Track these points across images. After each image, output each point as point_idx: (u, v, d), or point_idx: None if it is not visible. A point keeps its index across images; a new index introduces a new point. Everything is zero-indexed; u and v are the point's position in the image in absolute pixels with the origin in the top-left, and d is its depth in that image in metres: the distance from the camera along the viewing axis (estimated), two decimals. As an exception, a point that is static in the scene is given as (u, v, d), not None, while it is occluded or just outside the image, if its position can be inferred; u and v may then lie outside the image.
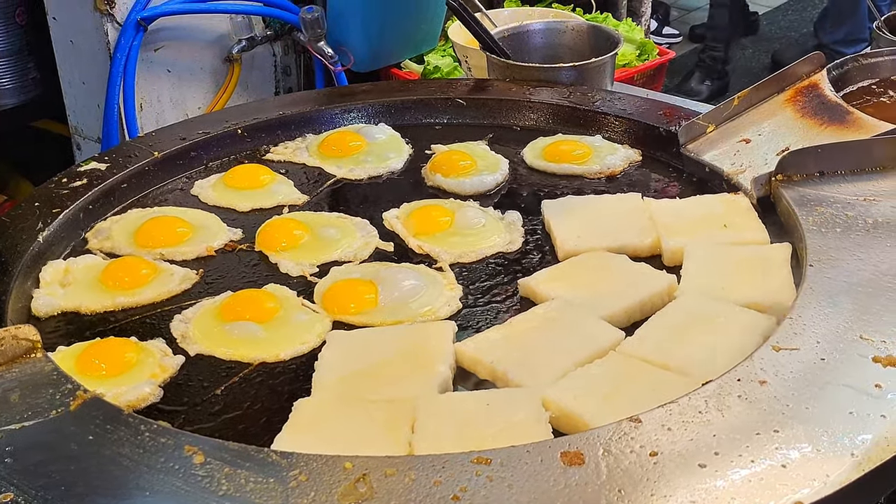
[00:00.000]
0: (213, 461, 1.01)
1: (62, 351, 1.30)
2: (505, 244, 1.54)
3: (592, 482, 0.96)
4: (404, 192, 1.71)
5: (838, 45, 5.28)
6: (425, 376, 1.21)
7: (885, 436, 1.00)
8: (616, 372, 1.18)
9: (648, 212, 1.53)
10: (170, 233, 1.58)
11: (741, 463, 0.97)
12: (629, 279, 1.38)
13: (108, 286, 1.45)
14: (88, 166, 1.71)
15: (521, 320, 1.31)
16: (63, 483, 1.00)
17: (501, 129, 1.92)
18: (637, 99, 1.91)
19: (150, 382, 1.25)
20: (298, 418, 1.14)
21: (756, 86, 1.72)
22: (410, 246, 1.55)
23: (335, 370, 1.24)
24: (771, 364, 1.10)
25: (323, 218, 1.63)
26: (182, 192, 1.75)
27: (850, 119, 1.63)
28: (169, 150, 1.78)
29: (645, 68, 2.91)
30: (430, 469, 0.98)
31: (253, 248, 1.57)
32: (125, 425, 1.07)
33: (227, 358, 1.31)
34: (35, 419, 1.08)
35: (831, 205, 1.41)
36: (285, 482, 0.98)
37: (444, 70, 2.78)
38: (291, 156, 1.85)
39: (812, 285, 1.24)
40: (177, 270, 1.50)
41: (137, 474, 1.00)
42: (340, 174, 1.79)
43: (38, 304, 1.42)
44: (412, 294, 1.40)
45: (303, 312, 1.39)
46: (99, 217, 1.65)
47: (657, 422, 1.03)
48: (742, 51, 6.07)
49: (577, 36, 2.21)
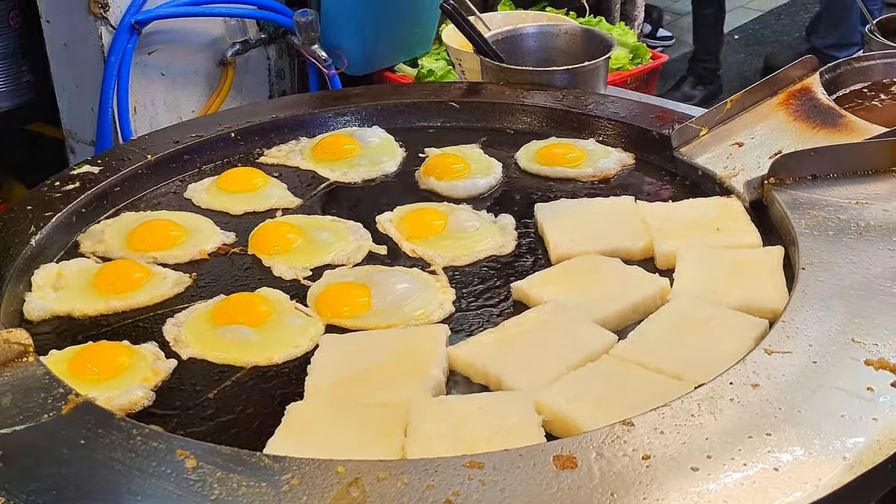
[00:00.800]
0: (205, 465, 1.01)
1: (54, 355, 1.30)
2: (498, 247, 1.54)
3: (585, 486, 0.96)
4: (397, 195, 1.71)
5: (830, 50, 5.29)
6: (418, 380, 1.21)
7: (878, 439, 1.00)
8: (609, 375, 1.18)
9: (641, 215, 1.53)
10: (163, 236, 1.57)
11: (733, 466, 0.97)
12: (622, 282, 1.38)
13: (101, 290, 1.45)
14: (81, 169, 1.71)
15: (514, 324, 1.31)
16: (54, 487, 0.99)
17: (495, 132, 1.92)
18: (630, 102, 1.91)
19: (142, 386, 1.24)
20: (291, 422, 1.14)
21: (749, 89, 1.72)
22: (404, 249, 1.55)
23: (328, 374, 1.24)
24: (763, 367, 1.11)
25: (316, 221, 1.63)
26: (175, 196, 1.75)
27: (843, 122, 1.64)
28: (162, 154, 1.78)
29: (638, 72, 2.92)
30: (423, 473, 0.98)
31: (246, 252, 1.56)
32: (117, 429, 1.07)
33: (219, 362, 1.31)
34: (26, 423, 1.08)
35: (823, 208, 1.41)
36: (278, 486, 0.98)
37: (438, 73, 2.79)
38: (285, 159, 1.85)
39: (804, 289, 1.24)
40: (170, 274, 1.49)
41: (129, 479, 1.00)
42: (334, 177, 1.79)
43: (30, 308, 1.41)
44: (405, 297, 1.40)
45: (296, 316, 1.38)
46: (92, 220, 1.65)
47: (650, 425, 1.03)
48: (734, 55, 6.09)
49: (570, 39, 2.22)
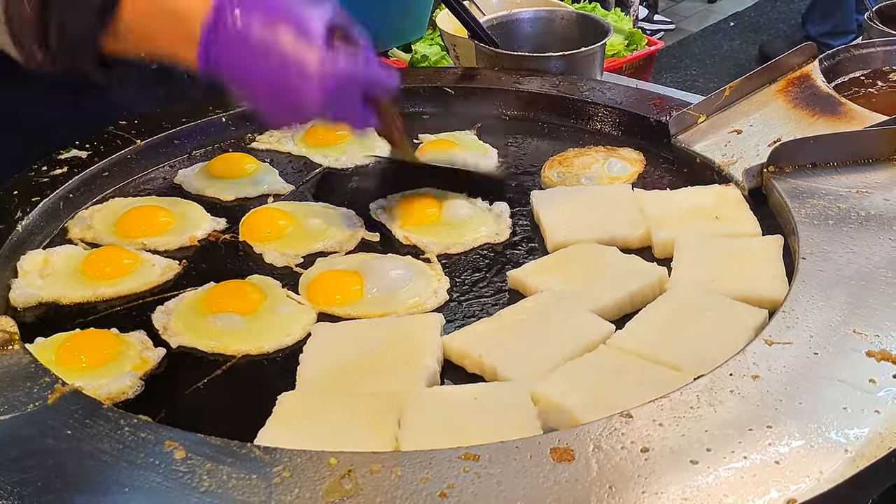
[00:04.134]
0: (194, 456, 0.99)
1: (41, 343, 1.27)
2: (493, 235, 1.52)
3: (582, 479, 0.94)
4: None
5: (825, 37, 5.30)
6: (412, 370, 1.19)
7: (880, 431, 0.98)
8: (606, 366, 1.16)
9: (639, 203, 1.51)
10: (152, 222, 1.55)
11: (734, 459, 0.96)
12: (619, 271, 1.36)
13: (89, 276, 1.42)
14: (69, 154, 1.68)
15: (510, 313, 1.29)
16: (40, 479, 0.97)
17: (490, 118, 1.89)
18: (627, 89, 1.89)
19: (130, 375, 1.22)
20: (282, 412, 1.12)
21: (747, 76, 1.70)
22: (397, 237, 1.53)
23: (320, 363, 1.22)
24: (763, 358, 1.09)
25: (308, 208, 1.61)
26: (165, 181, 1.73)
27: (843, 110, 1.62)
28: (152, 138, 1.75)
29: (634, 58, 2.90)
30: (417, 465, 0.96)
31: (237, 238, 1.54)
32: (104, 419, 1.05)
33: (209, 350, 1.29)
34: (11, 413, 1.06)
35: (823, 196, 1.40)
36: (269, 478, 0.96)
37: (432, 59, 2.76)
38: (277, 144, 1.83)
39: (805, 278, 1.23)
40: (159, 261, 1.47)
41: (117, 470, 0.98)
42: (326, 163, 1.76)
43: (16, 295, 1.39)
44: (399, 286, 1.38)
45: (287, 304, 1.36)
46: (80, 206, 1.62)
47: (648, 417, 1.01)
48: (730, 42, 6.08)
49: (566, 25, 2.19)
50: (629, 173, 1.65)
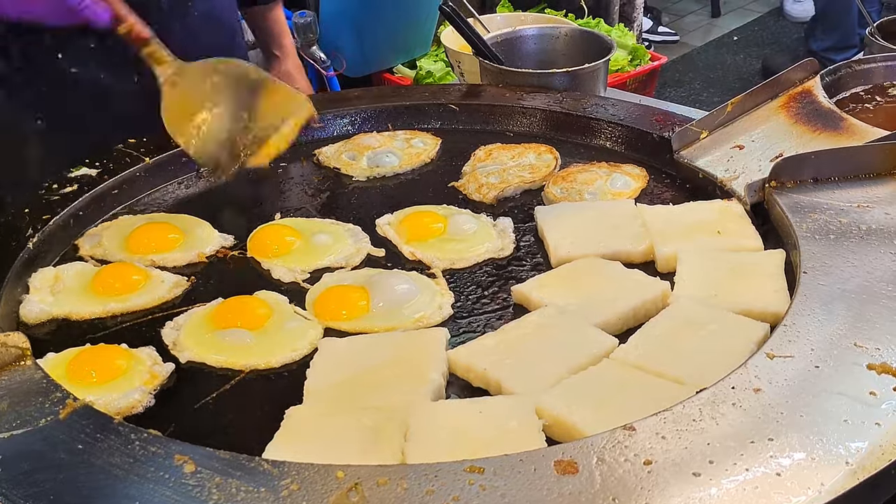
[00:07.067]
0: (203, 470, 1.00)
1: (52, 358, 1.29)
2: (497, 250, 1.53)
3: (586, 491, 0.95)
4: (396, 198, 1.70)
5: (828, 52, 5.31)
6: (418, 384, 1.20)
7: (881, 444, 0.99)
8: (610, 379, 1.17)
9: (642, 218, 1.53)
10: (161, 239, 1.57)
11: (736, 471, 0.97)
12: (622, 286, 1.37)
13: (99, 293, 1.44)
14: (79, 172, 1.70)
15: (515, 327, 1.30)
16: (52, 492, 0.99)
17: (494, 134, 1.91)
18: (630, 105, 1.91)
19: (140, 390, 1.24)
20: (290, 426, 1.13)
21: (749, 92, 1.72)
22: (402, 252, 1.54)
23: (327, 378, 1.23)
24: (765, 372, 1.10)
25: (315, 224, 1.62)
26: (174, 198, 1.74)
27: (844, 125, 1.63)
28: (160, 156, 1.77)
29: (637, 73, 2.92)
30: (423, 478, 0.97)
31: (245, 255, 1.56)
32: (115, 434, 1.06)
33: (218, 365, 1.30)
34: (24, 427, 1.07)
35: (825, 211, 1.41)
36: (277, 491, 0.97)
37: (437, 75, 2.79)
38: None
39: (806, 292, 1.24)
40: (168, 277, 1.49)
41: (127, 483, 0.99)
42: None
43: (27, 311, 1.41)
44: (404, 301, 1.40)
45: (294, 319, 1.38)
46: (90, 223, 1.64)
47: (651, 430, 1.02)
48: (734, 56, 6.10)
49: (570, 41, 2.21)
50: (632, 189, 1.66)
